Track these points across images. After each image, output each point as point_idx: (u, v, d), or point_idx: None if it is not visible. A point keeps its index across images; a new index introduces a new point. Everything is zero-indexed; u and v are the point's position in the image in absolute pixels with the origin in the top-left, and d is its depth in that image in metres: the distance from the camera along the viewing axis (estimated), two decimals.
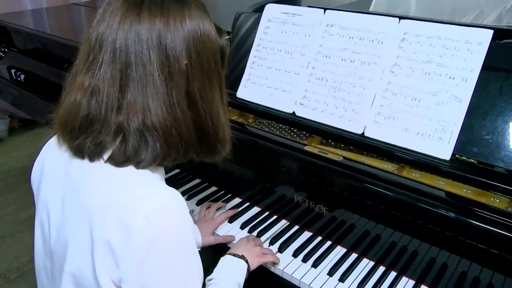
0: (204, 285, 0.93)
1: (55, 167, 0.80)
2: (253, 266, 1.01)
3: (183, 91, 0.73)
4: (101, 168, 0.71)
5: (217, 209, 1.26)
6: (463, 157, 0.98)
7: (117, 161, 0.71)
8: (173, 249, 0.71)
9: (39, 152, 0.86)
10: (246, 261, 0.99)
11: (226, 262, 0.99)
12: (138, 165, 0.72)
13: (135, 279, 0.69)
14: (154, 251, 0.68)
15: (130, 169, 0.71)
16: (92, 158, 0.72)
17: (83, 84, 0.72)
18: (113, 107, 0.70)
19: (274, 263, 1.07)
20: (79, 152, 0.73)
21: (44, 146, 0.85)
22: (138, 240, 0.66)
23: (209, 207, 1.25)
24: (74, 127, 0.72)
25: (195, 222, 1.19)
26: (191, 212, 1.26)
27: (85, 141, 0.72)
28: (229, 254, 1.01)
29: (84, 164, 0.73)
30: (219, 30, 0.79)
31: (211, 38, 0.75)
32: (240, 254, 1.00)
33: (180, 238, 0.72)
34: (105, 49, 0.70)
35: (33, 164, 0.86)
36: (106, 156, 0.71)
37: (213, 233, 1.18)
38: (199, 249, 1.13)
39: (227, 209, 1.27)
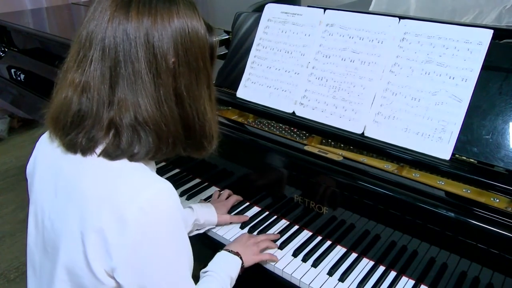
0: (198, 276, 0.96)
1: (47, 161, 0.82)
2: (247, 263, 1.04)
3: (170, 88, 0.74)
4: (94, 161, 0.73)
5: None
6: (463, 157, 0.98)
7: (111, 154, 0.73)
8: (166, 238, 0.73)
9: (33, 147, 0.88)
10: (241, 258, 1.02)
11: (221, 257, 1.02)
12: (131, 158, 0.74)
13: (128, 268, 0.71)
14: (147, 241, 0.70)
15: (123, 162, 0.73)
16: (84, 153, 0.74)
17: (73, 81, 0.73)
18: (104, 103, 0.72)
19: (272, 260, 1.08)
20: (71, 147, 0.75)
21: (38, 141, 0.87)
22: (132, 230, 0.68)
23: (220, 194, 1.30)
24: (66, 123, 0.74)
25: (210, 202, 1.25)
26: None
27: (77, 137, 0.73)
28: (225, 250, 1.04)
29: (76, 158, 0.75)
30: (209, 28, 0.80)
31: (199, 36, 0.76)
32: (235, 251, 1.03)
33: (172, 228, 0.74)
34: (95, 47, 0.72)
35: (28, 158, 0.88)
36: (98, 150, 0.73)
37: (226, 213, 1.22)
38: (214, 226, 1.18)
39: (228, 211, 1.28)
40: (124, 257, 0.70)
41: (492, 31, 0.98)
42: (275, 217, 1.23)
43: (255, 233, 1.18)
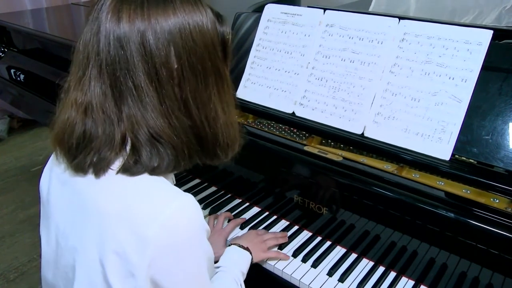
0: None
1: (61, 175, 0.77)
2: (255, 259, 1.04)
3: (176, 98, 0.69)
4: (111, 178, 0.69)
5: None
6: (463, 157, 0.98)
7: (131, 170, 0.68)
8: (191, 255, 0.70)
9: (47, 159, 0.84)
10: (250, 253, 1.02)
11: (232, 252, 1.01)
12: (153, 172, 0.69)
13: (152, 286, 0.67)
14: (171, 259, 0.67)
15: (142, 177, 0.69)
16: (97, 174, 0.69)
17: (76, 101, 0.69)
18: (113, 121, 0.68)
19: (279, 258, 1.09)
20: (79, 170, 0.70)
21: (53, 153, 0.82)
22: (155, 248, 0.65)
23: (216, 218, 1.22)
24: (71, 145, 0.70)
25: None
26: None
27: (85, 159, 0.69)
28: (235, 244, 1.03)
29: (90, 176, 0.71)
30: (219, 18, 0.73)
31: (204, 32, 0.69)
32: (245, 246, 1.03)
33: (197, 244, 0.70)
34: (92, 63, 0.68)
35: (42, 170, 0.84)
36: (114, 167, 0.69)
37: (225, 244, 1.15)
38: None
39: (226, 211, 1.27)
40: (147, 276, 0.66)
41: (491, 31, 0.98)
42: (275, 217, 1.23)
43: None
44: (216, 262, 1.03)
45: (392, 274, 1.04)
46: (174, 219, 0.66)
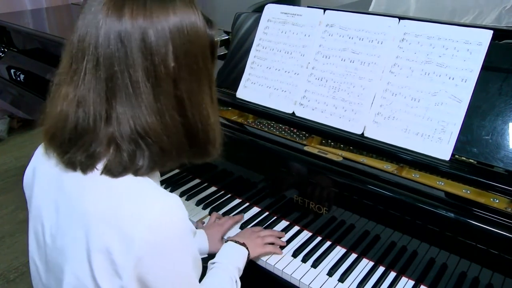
0: (206, 268, 0.96)
1: (46, 174, 0.78)
2: (252, 255, 1.05)
3: (171, 96, 0.70)
4: (96, 178, 0.70)
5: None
6: (463, 158, 0.98)
7: (114, 172, 0.69)
8: (175, 255, 0.70)
9: (31, 157, 0.83)
10: (247, 248, 1.03)
11: (228, 248, 1.02)
12: (136, 173, 0.70)
13: (138, 286, 0.68)
14: (157, 260, 0.67)
15: (127, 177, 0.70)
16: (84, 171, 0.70)
17: (67, 95, 0.69)
18: (102, 117, 0.68)
19: (276, 253, 1.10)
20: (70, 165, 0.71)
21: (36, 151, 0.83)
22: (141, 249, 0.65)
23: (219, 218, 1.23)
24: (63, 140, 0.70)
25: (204, 228, 1.18)
26: (202, 220, 1.26)
27: (75, 154, 0.69)
28: (231, 240, 1.04)
29: (77, 174, 0.71)
30: (208, 22, 0.75)
31: (199, 33, 0.71)
32: (242, 242, 1.03)
33: (182, 244, 0.71)
34: (88, 57, 0.67)
35: (25, 169, 0.84)
36: (99, 166, 0.69)
37: (222, 239, 1.16)
38: (206, 255, 1.12)
39: (226, 211, 1.27)
40: (133, 277, 0.66)
41: (491, 31, 0.98)
42: (275, 217, 1.23)
43: None
44: (212, 257, 1.04)
45: (392, 274, 1.04)
46: (160, 220, 0.67)
